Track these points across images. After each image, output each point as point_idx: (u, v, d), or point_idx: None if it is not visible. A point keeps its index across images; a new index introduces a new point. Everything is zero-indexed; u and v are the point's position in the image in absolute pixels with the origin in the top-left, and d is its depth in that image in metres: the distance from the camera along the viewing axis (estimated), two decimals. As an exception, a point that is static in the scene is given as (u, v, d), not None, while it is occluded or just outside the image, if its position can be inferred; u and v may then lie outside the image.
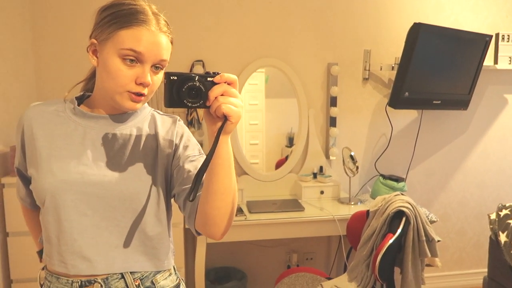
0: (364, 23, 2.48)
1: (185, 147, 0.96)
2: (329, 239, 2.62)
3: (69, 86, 1.02)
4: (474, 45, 2.39)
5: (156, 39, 0.84)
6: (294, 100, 2.47)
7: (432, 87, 2.38)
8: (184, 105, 0.78)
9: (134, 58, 0.84)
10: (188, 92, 0.77)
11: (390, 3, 2.49)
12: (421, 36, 2.18)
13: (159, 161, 0.94)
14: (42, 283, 0.98)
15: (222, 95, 0.77)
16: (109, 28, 0.84)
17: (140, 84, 0.85)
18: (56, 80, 2.25)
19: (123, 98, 0.86)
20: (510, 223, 1.97)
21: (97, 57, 0.88)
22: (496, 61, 2.58)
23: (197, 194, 0.88)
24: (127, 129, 0.94)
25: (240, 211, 2.13)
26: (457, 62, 2.39)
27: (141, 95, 0.86)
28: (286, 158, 2.54)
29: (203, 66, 2.33)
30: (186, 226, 2.05)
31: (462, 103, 2.51)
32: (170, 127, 0.98)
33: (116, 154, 0.91)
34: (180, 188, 0.92)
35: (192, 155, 0.94)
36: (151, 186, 0.91)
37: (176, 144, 0.96)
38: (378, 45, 2.50)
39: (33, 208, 1.06)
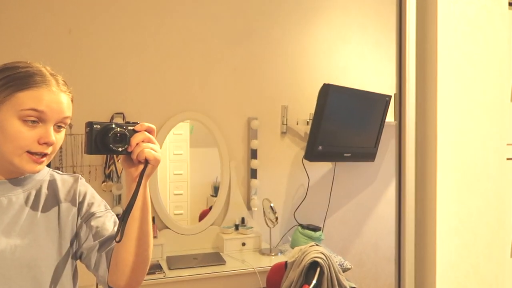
0: (281, 81, 2.67)
1: (90, 205, 0.95)
2: (252, 291, 2.61)
3: None
4: (376, 103, 2.69)
5: (58, 98, 0.86)
6: (217, 150, 2.53)
7: (343, 141, 2.60)
8: (110, 150, 0.83)
9: (35, 119, 0.83)
10: (113, 138, 0.83)
11: (303, 64, 2.73)
12: (330, 95, 2.40)
13: (62, 222, 0.91)
14: None
15: (143, 141, 0.84)
16: (5, 91, 0.83)
17: (44, 143, 0.84)
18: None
19: (23, 161, 0.84)
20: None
21: None
22: (396, 118, 2.90)
23: (109, 247, 0.89)
24: (24, 192, 0.90)
25: (158, 267, 2.05)
26: (363, 119, 2.65)
27: (45, 155, 0.85)
28: (210, 208, 2.54)
29: (123, 118, 2.31)
30: (99, 288, 1.93)
31: (369, 155, 2.75)
32: (72, 186, 0.96)
33: (12, 220, 0.86)
34: (88, 245, 0.91)
35: (99, 211, 0.94)
36: (53, 250, 0.88)
37: (79, 203, 0.94)
38: (294, 101, 2.69)
39: None
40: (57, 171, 1.00)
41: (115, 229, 0.93)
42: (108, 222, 0.94)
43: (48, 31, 2.22)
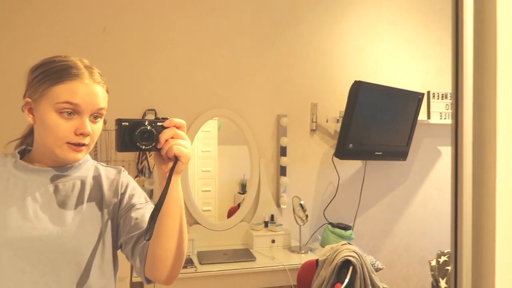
0: (311, 78, 2.65)
1: (131, 196, 0.97)
2: (281, 289, 2.60)
3: (3, 138, 1.02)
4: (409, 101, 2.63)
5: (91, 90, 0.88)
6: (246, 147, 2.54)
7: (374, 139, 2.55)
8: (137, 148, 0.83)
9: (71, 111, 0.86)
10: (140, 136, 0.82)
11: (333, 61, 2.70)
12: (361, 92, 2.37)
13: (104, 211, 0.94)
14: None
15: (172, 138, 0.83)
16: (42, 86, 0.87)
17: (80, 134, 0.87)
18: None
19: (64, 151, 0.88)
20: (448, 270, 2.08)
21: (33, 115, 0.90)
22: (429, 116, 2.83)
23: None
24: (70, 181, 0.94)
25: (190, 262, 2.08)
26: (395, 117, 2.60)
27: (82, 145, 0.88)
28: (238, 205, 2.55)
29: (155, 115, 2.35)
30: (133, 280, 1.97)
31: (401, 154, 2.70)
32: (115, 177, 0.99)
33: (58, 207, 0.90)
34: (127, 236, 0.92)
35: (139, 203, 0.96)
36: (95, 238, 0.91)
37: (121, 194, 0.97)
38: (324, 98, 2.67)
39: None
40: (102, 163, 1.03)
41: None
42: (147, 214, 0.95)
43: (83, 29, 2.28)
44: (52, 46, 2.21)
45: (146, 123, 0.83)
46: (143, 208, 0.96)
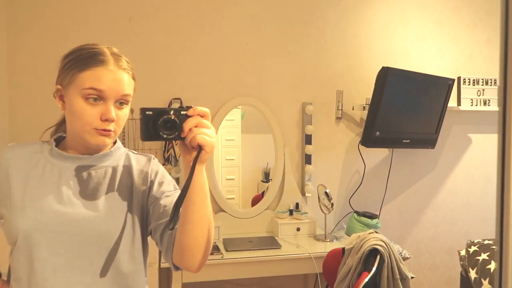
0: (336, 65, 2.61)
1: (160, 183, 0.98)
2: (306, 277, 2.61)
3: (41, 125, 1.05)
4: (438, 87, 2.55)
5: (116, 76, 0.89)
6: (269, 136, 2.53)
7: (402, 126, 2.49)
8: (160, 137, 0.82)
9: (96, 97, 0.88)
10: (163, 125, 0.82)
11: (361, 47, 2.64)
12: (389, 79, 2.31)
13: (135, 198, 0.96)
14: None
15: (196, 126, 0.82)
16: (70, 73, 0.89)
17: (106, 120, 0.88)
18: (28, 120, 2.22)
19: (92, 136, 0.89)
20: (479, 260, 2.04)
21: (63, 102, 0.92)
22: (459, 103, 2.74)
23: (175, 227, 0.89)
24: (102, 168, 0.96)
25: (216, 249, 2.11)
26: (423, 103, 2.53)
27: (108, 131, 0.89)
28: (262, 193, 2.56)
29: (181, 103, 2.37)
30: (161, 266, 2.02)
31: (429, 142, 2.63)
32: (145, 165, 1.00)
33: (91, 193, 0.93)
34: (156, 223, 0.93)
35: (168, 191, 0.97)
36: (125, 224, 0.93)
37: (151, 181, 0.98)
38: (350, 86, 2.62)
39: None
40: (133, 151, 1.05)
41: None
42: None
43: (110, 19, 2.31)
44: (80, 36, 2.25)
45: (170, 112, 0.82)
46: (172, 196, 0.96)
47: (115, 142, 1.01)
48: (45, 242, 0.87)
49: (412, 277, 1.83)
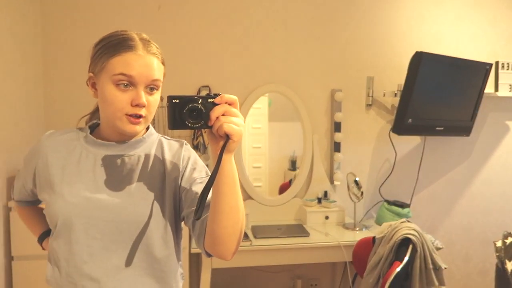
0: (367, 51, 2.54)
1: (192, 170, 0.97)
2: (334, 265, 2.60)
3: (76, 113, 1.08)
4: (474, 73, 2.44)
5: (145, 61, 0.88)
6: (296, 124, 2.50)
7: (435, 113, 2.41)
8: (186, 126, 0.81)
9: (127, 82, 0.87)
10: (189, 114, 0.80)
11: (392, 32, 2.55)
12: (423, 64, 2.23)
13: (167, 184, 0.96)
14: None
15: (223, 115, 0.79)
16: (101, 59, 0.89)
17: (136, 105, 0.88)
18: (63, 108, 2.29)
19: (123, 123, 0.89)
20: (516, 251, 1.96)
21: (95, 89, 0.93)
22: (496, 89, 2.62)
23: (205, 215, 0.89)
24: (135, 154, 0.96)
25: (245, 236, 2.12)
26: (458, 90, 2.43)
27: (139, 116, 0.89)
28: (290, 182, 2.55)
29: (209, 91, 2.37)
30: (192, 251, 2.05)
31: (464, 129, 2.54)
32: (177, 151, 1.00)
33: (125, 179, 0.94)
34: (188, 210, 0.93)
35: (200, 177, 0.96)
36: (158, 210, 0.94)
37: (183, 167, 0.98)
38: (381, 72, 2.55)
39: (29, 204, 1.17)
40: (165, 136, 1.05)
41: None
42: None
43: (139, 7, 2.32)
44: (110, 25, 2.26)
45: (197, 100, 0.80)
46: (204, 182, 0.94)
47: (147, 129, 1.01)
48: (82, 227, 0.90)
49: (444, 268, 1.79)
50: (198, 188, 0.94)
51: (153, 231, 0.93)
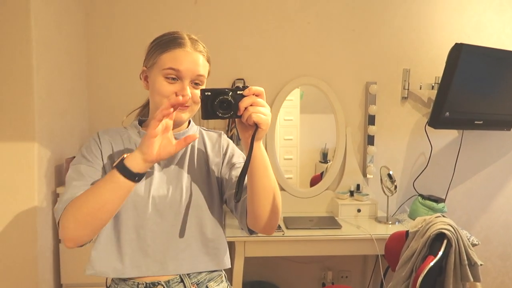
0: (403, 43, 2.49)
1: (231, 156, 1.08)
2: (365, 258, 2.60)
3: (116, 106, 1.14)
4: (518, 65, 2.35)
5: (192, 58, 0.98)
6: (328, 116, 2.50)
7: (474, 107, 2.35)
8: (217, 116, 0.87)
9: (175, 76, 0.97)
10: (220, 105, 0.86)
11: (429, 23, 2.49)
12: (462, 56, 2.17)
13: (211, 171, 1.06)
14: (108, 285, 1.06)
15: (251, 105, 0.85)
16: (154, 55, 1.00)
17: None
18: (105, 101, 2.39)
19: None
20: (558, 250, 1.90)
21: (147, 82, 1.03)
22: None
23: (244, 196, 0.98)
24: None
25: (278, 226, 2.16)
26: (500, 82, 2.35)
27: (185, 106, 0.98)
28: (321, 174, 2.56)
29: (244, 83, 2.41)
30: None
31: (505, 123, 2.45)
32: (216, 140, 1.11)
33: (176, 168, 1.04)
34: (230, 192, 1.03)
35: (238, 162, 1.06)
36: (207, 194, 1.04)
37: (223, 155, 1.08)
38: (417, 64, 2.50)
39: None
40: (204, 128, 1.16)
41: None
42: None
43: (176, 2, 2.38)
44: (148, 20, 2.35)
45: (227, 92, 0.87)
46: (241, 167, 1.03)
47: (189, 123, 1.11)
48: (145, 214, 0.98)
49: (480, 264, 1.76)
50: (237, 172, 1.04)
51: (206, 214, 1.03)
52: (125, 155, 0.89)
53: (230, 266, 1.09)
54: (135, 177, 0.88)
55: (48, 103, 1.93)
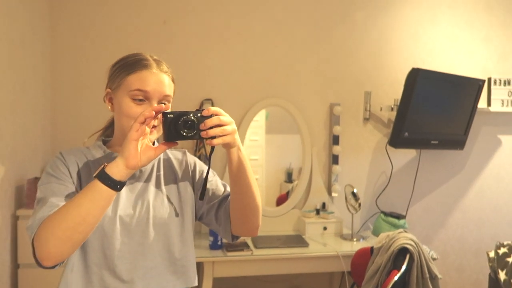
0: (364, 67, 2.63)
1: (201, 172, 1.10)
2: (332, 275, 2.65)
3: (80, 125, 1.13)
4: (468, 88, 2.54)
5: (158, 78, 0.99)
6: (293, 136, 2.57)
7: (430, 127, 2.50)
8: (181, 136, 0.90)
9: (142, 97, 0.98)
10: (183, 124, 0.90)
11: (388, 48, 2.65)
12: (419, 80, 2.32)
13: (180, 188, 1.07)
14: None
15: (218, 125, 0.89)
16: (119, 77, 1.00)
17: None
18: (69, 120, 2.33)
19: None
20: (509, 261, 2.03)
21: (112, 104, 1.03)
22: (489, 104, 2.72)
23: (225, 203, 1.05)
24: (148, 165, 1.05)
25: (246, 245, 2.17)
26: (453, 104, 2.52)
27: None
28: (287, 194, 2.60)
29: (212, 104, 2.44)
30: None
31: (458, 143, 2.62)
32: (182, 158, 1.13)
33: (142, 187, 1.04)
34: (209, 205, 1.07)
35: (209, 177, 1.08)
36: (176, 212, 1.04)
37: (192, 171, 1.10)
38: (378, 87, 2.64)
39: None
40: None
41: (228, 189, 1.09)
42: (219, 184, 1.10)
43: (145, 22, 2.39)
44: (117, 39, 2.34)
45: (190, 113, 0.90)
46: (214, 180, 1.10)
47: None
48: (112, 234, 0.97)
49: (440, 278, 1.85)
50: (212, 185, 1.08)
51: (173, 232, 1.03)
52: (105, 164, 0.88)
53: (197, 284, 1.09)
54: (117, 185, 0.86)
55: (11, 120, 1.87)
